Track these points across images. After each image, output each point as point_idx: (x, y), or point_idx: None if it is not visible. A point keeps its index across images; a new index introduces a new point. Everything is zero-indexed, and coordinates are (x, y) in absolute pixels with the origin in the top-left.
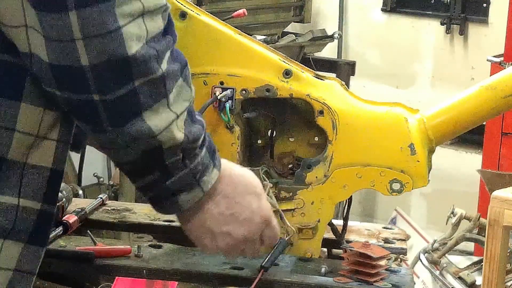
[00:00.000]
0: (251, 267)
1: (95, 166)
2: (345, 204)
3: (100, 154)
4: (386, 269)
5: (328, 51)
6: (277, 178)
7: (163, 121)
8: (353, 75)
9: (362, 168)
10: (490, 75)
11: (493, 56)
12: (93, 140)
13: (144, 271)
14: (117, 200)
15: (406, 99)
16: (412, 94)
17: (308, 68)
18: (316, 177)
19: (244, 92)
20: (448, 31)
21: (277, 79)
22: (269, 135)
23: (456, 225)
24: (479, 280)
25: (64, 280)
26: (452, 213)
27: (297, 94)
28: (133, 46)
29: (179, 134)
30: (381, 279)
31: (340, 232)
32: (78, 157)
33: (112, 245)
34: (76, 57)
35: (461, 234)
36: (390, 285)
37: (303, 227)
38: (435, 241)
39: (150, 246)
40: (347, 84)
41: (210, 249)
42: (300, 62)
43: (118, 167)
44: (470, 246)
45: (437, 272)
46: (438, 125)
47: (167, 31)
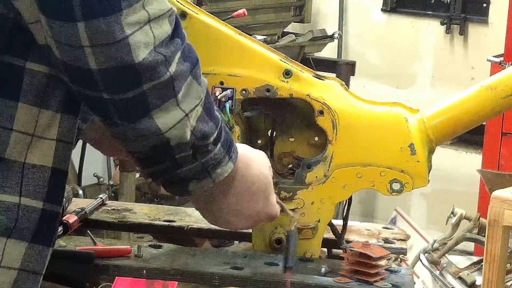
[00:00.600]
0: (251, 267)
1: (95, 166)
2: (345, 204)
3: (100, 154)
4: (386, 269)
5: (328, 51)
6: (277, 178)
7: (172, 120)
8: (353, 75)
9: (362, 168)
10: (490, 75)
11: (493, 56)
12: (106, 129)
13: (144, 271)
14: (117, 200)
15: (406, 99)
16: (412, 94)
17: (308, 68)
18: (316, 177)
19: (244, 92)
20: (448, 31)
21: (277, 79)
22: (269, 135)
23: (456, 225)
24: (479, 280)
25: (64, 280)
26: (452, 213)
27: (297, 94)
28: (141, 54)
29: (187, 133)
30: (381, 279)
31: (340, 232)
32: (78, 157)
33: (112, 245)
34: (85, 61)
35: (461, 234)
36: (390, 285)
37: (303, 227)
38: (435, 241)
39: (150, 246)
40: (347, 84)
41: (210, 222)
42: (300, 62)
43: (129, 155)
44: (470, 246)
45: (437, 272)
46: (438, 125)
47: (175, 34)
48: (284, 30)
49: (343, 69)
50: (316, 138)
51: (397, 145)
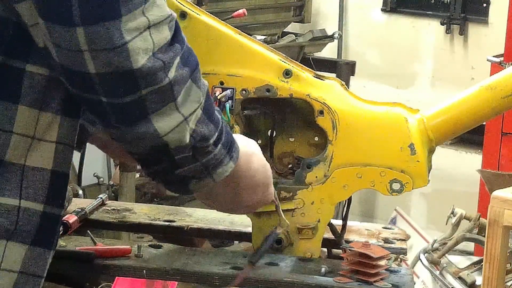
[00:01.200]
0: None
1: (95, 166)
2: (345, 204)
3: (100, 154)
4: (386, 269)
5: (328, 51)
6: (277, 178)
7: (170, 123)
8: (353, 75)
9: (362, 168)
10: (490, 75)
11: (493, 56)
12: (104, 132)
13: (144, 271)
14: (117, 200)
15: (406, 99)
16: (412, 94)
17: (308, 68)
18: (316, 177)
19: (244, 92)
20: (448, 31)
21: (277, 79)
22: (269, 135)
23: (456, 225)
24: (479, 280)
25: (64, 280)
26: (452, 213)
27: (297, 94)
28: (139, 60)
29: (186, 136)
30: (381, 279)
31: (340, 232)
32: (78, 157)
33: (112, 245)
34: (84, 65)
35: (461, 234)
36: (390, 285)
37: (303, 227)
38: (435, 241)
39: (150, 246)
40: (347, 84)
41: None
42: (300, 62)
43: (129, 155)
44: (470, 246)
45: (437, 272)
46: (438, 125)
47: (174, 40)
48: (284, 30)
49: (343, 69)
50: (316, 138)
51: (397, 145)
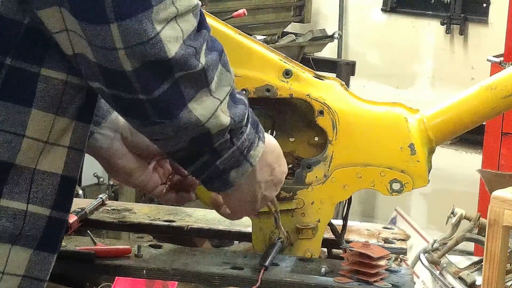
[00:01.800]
0: (251, 267)
1: (95, 166)
2: (345, 204)
3: None
4: (386, 269)
5: (328, 51)
6: None
7: (209, 109)
8: (353, 75)
9: (362, 168)
10: (490, 75)
11: (493, 56)
12: (141, 133)
13: (144, 271)
14: (117, 200)
15: (406, 99)
16: (412, 94)
17: (308, 68)
18: (316, 177)
19: (244, 92)
20: (448, 31)
21: (277, 79)
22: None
23: (456, 225)
24: (479, 280)
25: (64, 280)
26: (452, 213)
27: (297, 94)
28: (172, 49)
29: (226, 119)
30: (381, 279)
31: (340, 232)
32: None
33: (112, 245)
34: (120, 64)
35: (461, 234)
36: (390, 285)
37: (303, 227)
38: (435, 241)
39: (150, 246)
40: (347, 84)
41: (248, 214)
42: (300, 62)
43: (170, 156)
44: (470, 246)
45: (437, 272)
46: (438, 125)
47: (201, 26)
48: (284, 30)
49: (343, 69)
50: (316, 138)
51: (397, 145)
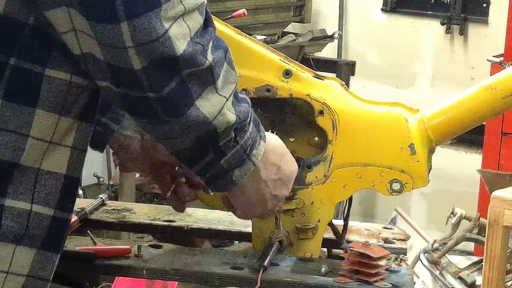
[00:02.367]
0: (251, 267)
1: (95, 166)
2: (345, 204)
3: (100, 154)
4: (386, 269)
5: (328, 51)
6: None
7: (215, 107)
8: (353, 75)
9: (362, 168)
10: (490, 75)
11: (493, 56)
12: (148, 132)
13: (144, 271)
14: (117, 200)
15: (406, 99)
16: (412, 94)
17: (308, 68)
18: (316, 177)
19: (244, 92)
20: (448, 31)
21: (277, 79)
22: None
23: (456, 225)
24: (479, 280)
25: (64, 280)
26: (452, 213)
27: (297, 94)
28: (181, 46)
29: (232, 116)
30: (381, 279)
31: (341, 232)
32: None
33: (112, 245)
34: (129, 62)
35: (461, 234)
36: (390, 285)
37: (303, 227)
38: (435, 241)
39: (150, 246)
40: (347, 84)
41: (262, 214)
42: (300, 62)
43: (175, 156)
44: (470, 246)
45: (437, 272)
46: (438, 125)
47: (207, 24)
48: (284, 30)
49: (343, 69)
50: (316, 138)
51: (397, 145)
